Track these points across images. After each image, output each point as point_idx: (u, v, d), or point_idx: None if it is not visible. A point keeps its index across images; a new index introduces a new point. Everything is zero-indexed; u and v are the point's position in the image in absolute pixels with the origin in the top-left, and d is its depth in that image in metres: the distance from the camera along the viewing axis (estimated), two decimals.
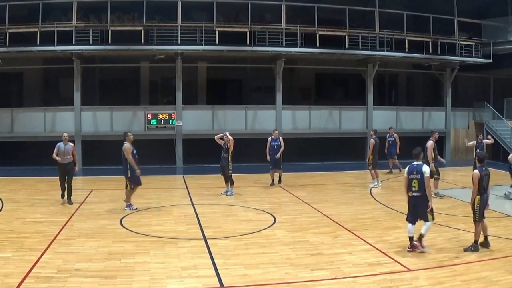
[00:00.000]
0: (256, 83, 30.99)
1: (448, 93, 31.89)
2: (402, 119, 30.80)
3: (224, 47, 25.76)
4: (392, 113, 30.86)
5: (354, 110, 30.01)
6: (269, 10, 27.61)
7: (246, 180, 21.38)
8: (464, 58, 30.41)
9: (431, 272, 9.96)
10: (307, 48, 26.90)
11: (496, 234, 12.82)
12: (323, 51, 27.41)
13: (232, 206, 16.11)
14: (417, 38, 29.12)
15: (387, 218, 14.78)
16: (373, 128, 24.64)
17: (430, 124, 31.27)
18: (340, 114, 29.43)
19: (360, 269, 10.04)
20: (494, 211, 15.56)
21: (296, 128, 28.41)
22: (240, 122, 27.51)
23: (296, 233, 12.77)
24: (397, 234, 12.82)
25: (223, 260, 10.26)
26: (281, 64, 27.25)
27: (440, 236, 12.69)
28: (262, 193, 18.89)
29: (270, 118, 27.92)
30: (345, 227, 13.40)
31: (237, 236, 12.23)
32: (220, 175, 18.50)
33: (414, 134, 28.42)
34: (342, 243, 11.90)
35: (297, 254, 10.85)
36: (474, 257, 10.92)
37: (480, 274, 9.83)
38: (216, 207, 16.08)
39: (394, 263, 10.44)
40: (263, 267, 9.92)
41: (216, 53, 26.67)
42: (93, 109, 26.47)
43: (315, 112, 29.01)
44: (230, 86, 31.27)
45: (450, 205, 16.94)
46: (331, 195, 18.54)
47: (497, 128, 30.74)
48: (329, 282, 9.28)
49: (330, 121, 29.24)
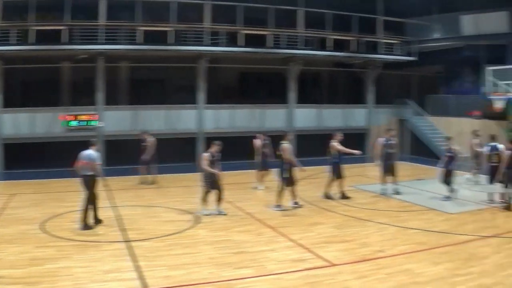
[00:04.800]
0: (179, 82, 30.77)
1: (370, 90, 32.70)
2: (324, 117, 31.36)
3: (147, 46, 25.56)
4: (314, 111, 31.39)
5: (277, 109, 30.32)
6: (193, 9, 27.43)
7: (169, 180, 21.33)
8: (387, 56, 31.33)
9: (355, 266, 10.18)
10: (231, 47, 27.03)
11: (419, 227, 13.38)
12: (247, 50, 27.61)
13: (154, 207, 15.97)
14: (341, 37, 29.76)
15: (309, 214, 15.04)
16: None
17: (352, 121, 32.02)
18: (262, 112, 29.68)
19: (284, 265, 10.19)
20: (417, 205, 16.33)
21: (219, 128, 28.36)
22: (162, 122, 27.28)
23: (219, 232, 12.85)
24: (320, 230, 13.11)
25: (146, 262, 10.22)
26: (204, 64, 27.27)
27: (363, 231, 13.05)
28: (184, 193, 18.78)
29: (193, 117, 27.90)
30: (268, 225, 13.57)
31: (160, 237, 12.19)
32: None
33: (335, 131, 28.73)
34: (266, 241, 12.04)
35: (220, 253, 10.93)
36: (397, 250, 11.29)
37: (404, 267, 10.13)
38: (138, 208, 15.91)
39: (318, 259, 10.63)
40: (186, 268, 9.94)
41: (139, 52, 26.40)
42: (14, 111, 25.55)
43: (238, 111, 29.18)
44: (153, 86, 30.93)
45: (372, 199, 17.45)
46: (254, 194, 18.68)
47: (418, 125, 31.75)
48: (253, 280, 9.37)
49: (253, 120, 29.38)
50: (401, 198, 17.53)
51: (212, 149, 14.64)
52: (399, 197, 17.75)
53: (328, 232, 12.91)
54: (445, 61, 33.51)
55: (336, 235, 12.70)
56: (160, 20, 26.67)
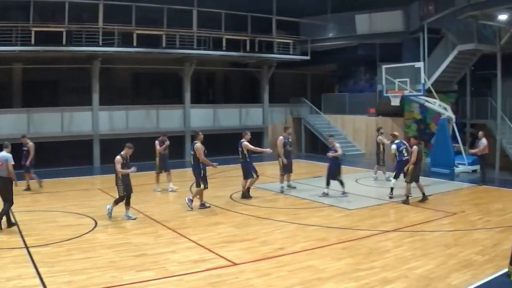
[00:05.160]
0: (73, 84, 30.25)
1: (265, 89, 33.39)
2: (219, 116, 31.75)
3: (40, 47, 24.78)
4: (210, 111, 31.75)
5: (172, 109, 30.45)
6: (87, 9, 27.06)
7: (66, 184, 20.90)
8: (281, 56, 32.08)
9: (257, 264, 10.36)
10: (124, 47, 26.82)
11: (319, 223, 13.81)
12: (140, 50, 27.51)
13: (51, 212, 15.61)
14: (235, 36, 30.20)
15: (208, 215, 15.18)
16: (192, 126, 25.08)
17: (248, 120, 32.60)
18: (157, 113, 29.69)
19: (185, 266, 10.23)
20: (316, 202, 16.83)
21: (113, 129, 28.16)
22: (56, 124, 26.61)
23: (119, 235, 12.78)
24: (220, 229, 13.27)
25: (47, 268, 10.02)
26: (97, 64, 26.94)
27: (263, 229, 13.32)
28: (81, 196, 18.47)
29: (87, 119, 27.46)
30: (167, 226, 13.63)
31: (59, 243, 11.94)
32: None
33: (232, 130, 29.21)
34: (166, 242, 12.08)
35: (121, 257, 10.85)
36: (298, 247, 11.58)
37: (307, 263, 10.38)
38: (36, 213, 15.50)
39: (219, 258, 10.76)
40: (87, 272, 9.79)
41: (32, 53, 25.50)
42: None
43: (132, 112, 29.06)
44: (46, 87, 30.20)
45: (271, 198, 17.82)
46: (151, 195, 18.57)
47: (314, 123, 32.71)
48: (156, 282, 9.38)
49: (147, 120, 29.41)
50: (300, 196, 17.97)
51: (124, 152, 14.45)
52: (298, 194, 18.22)
53: (228, 231, 13.06)
54: (340, 59, 34.75)
55: (237, 234, 12.86)
56: (53, 21, 26.04)
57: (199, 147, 15.72)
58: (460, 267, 10.08)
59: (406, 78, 24.48)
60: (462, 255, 10.87)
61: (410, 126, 29.22)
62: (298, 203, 16.92)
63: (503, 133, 23.95)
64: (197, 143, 15.81)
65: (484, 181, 20.57)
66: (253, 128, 31.85)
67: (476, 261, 10.49)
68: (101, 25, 26.05)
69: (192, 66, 30.12)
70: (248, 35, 30.47)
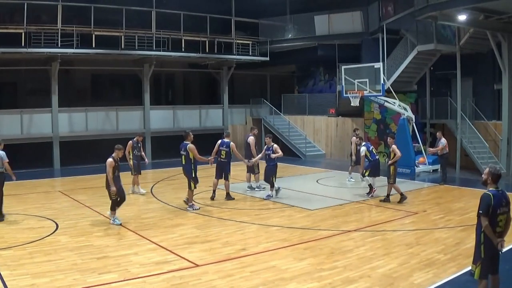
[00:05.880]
0: (31, 85, 30.06)
1: (225, 90, 33.57)
2: (179, 117, 31.83)
3: None
4: (169, 112, 31.79)
5: (131, 111, 30.39)
6: (45, 10, 26.74)
7: (26, 187, 20.70)
8: (241, 57, 32.19)
9: (220, 265, 10.39)
10: (83, 48, 26.62)
11: (281, 224, 13.98)
12: (99, 52, 27.29)
13: (12, 215, 15.35)
14: (194, 37, 30.20)
15: (170, 216, 15.22)
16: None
17: (208, 121, 32.78)
18: (117, 115, 29.58)
19: (148, 268, 10.21)
20: (277, 202, 16.98)
21: (73, 131, 28.05)
22: (16, 127, 26.31)
23: (80, 237, 12.63)
24: (182, 231, 13.31)
25: (9, 271, 9.91)
26: (56, 66, 26.72)
27: (225, 230, 13.42)
28: (42, 199, 18.36)
29: (47, 121, 27.18)
30: (129, 228, 13.57)
31: (20, 246, 11.82)
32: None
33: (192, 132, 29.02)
34: (128, 244, 12.03)
35: (83, 259, 10.75)
36: (261, 247, 11.69)
37: (269, 264, 10.46)
38: None
39: (182, 260, 10.76)
40: (50, 275, 9.69)
41: None
42: None
43: (91, 113, 28.85)
44: (4, 89, 29.92)
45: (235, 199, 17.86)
46: None
47: (274, 123, 32.99)
48: (118, 285, 9.30)
49: (107, 122, 29.31)
50: (261, 197, 18.12)
51: (115, 154, 14.36)
52: (259, 195, 18.39)
53: (190, 233, 13.09)
54: (300, 60, 35.03)
55: (198, 235, 12.88)
56: (12, 22, 25.78)
57: (192, 147, 15.79)
58: (422, 266, 10.28)
59: (365, 79, 24.66)
60: (424, 254, 11.08)
61: (370, 127, 29.63)
62: (259, 204, 17.07)
63: (463, 132, 24.39)
64: (189, 144, 15.86)
65: (445, 181, 21.11)
66: (213, 129, 32.11)
67: (439, 260, 10.70)
68: (60, 26, 25.79)
69: (152, 67, 30.06)
70: (207, 36, 30.56)
